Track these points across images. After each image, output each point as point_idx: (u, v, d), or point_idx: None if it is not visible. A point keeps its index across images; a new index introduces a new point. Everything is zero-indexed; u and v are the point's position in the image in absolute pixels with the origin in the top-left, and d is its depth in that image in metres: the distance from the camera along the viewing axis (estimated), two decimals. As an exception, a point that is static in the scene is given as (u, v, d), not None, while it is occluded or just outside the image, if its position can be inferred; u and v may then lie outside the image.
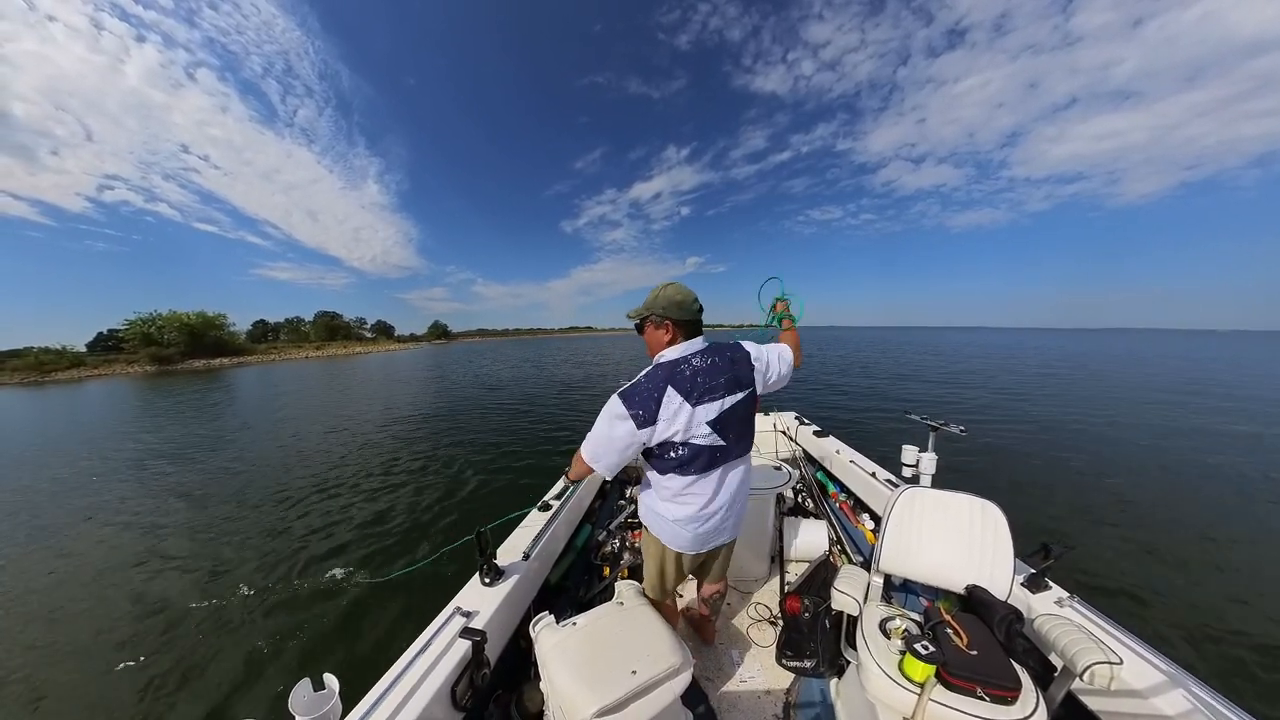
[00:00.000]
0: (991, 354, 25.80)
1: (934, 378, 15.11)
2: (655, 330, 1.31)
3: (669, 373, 1.21)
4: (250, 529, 4.44)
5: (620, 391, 1.23)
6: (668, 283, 1.31)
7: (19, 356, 38.01)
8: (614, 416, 1.19)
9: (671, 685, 1.01)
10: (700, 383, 1.21)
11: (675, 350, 1.27)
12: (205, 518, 4.81)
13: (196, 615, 3.06)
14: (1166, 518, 4.22)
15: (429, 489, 5.35)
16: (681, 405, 1.18)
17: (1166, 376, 15.61)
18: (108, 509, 5.23)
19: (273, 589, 3.33)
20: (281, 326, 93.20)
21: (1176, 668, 1.15)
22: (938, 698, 1.05)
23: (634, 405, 1.18)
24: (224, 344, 54.37)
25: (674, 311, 1.26)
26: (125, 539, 4.37)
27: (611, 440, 1.21)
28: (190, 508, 5.14)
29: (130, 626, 2.99)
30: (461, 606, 1.41)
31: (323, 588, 3.32)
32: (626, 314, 1.42)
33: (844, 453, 2.93)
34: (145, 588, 3.46)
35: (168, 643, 2.81)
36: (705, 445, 1.21)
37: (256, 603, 3.17)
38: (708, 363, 1.25)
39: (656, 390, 1.19)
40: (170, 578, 3.58)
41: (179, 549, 4.08)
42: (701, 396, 1.20)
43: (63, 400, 18.85)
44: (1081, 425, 7.98)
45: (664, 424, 1.17)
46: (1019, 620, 1.20)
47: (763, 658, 1.79)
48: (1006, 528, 1.41)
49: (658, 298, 1.29)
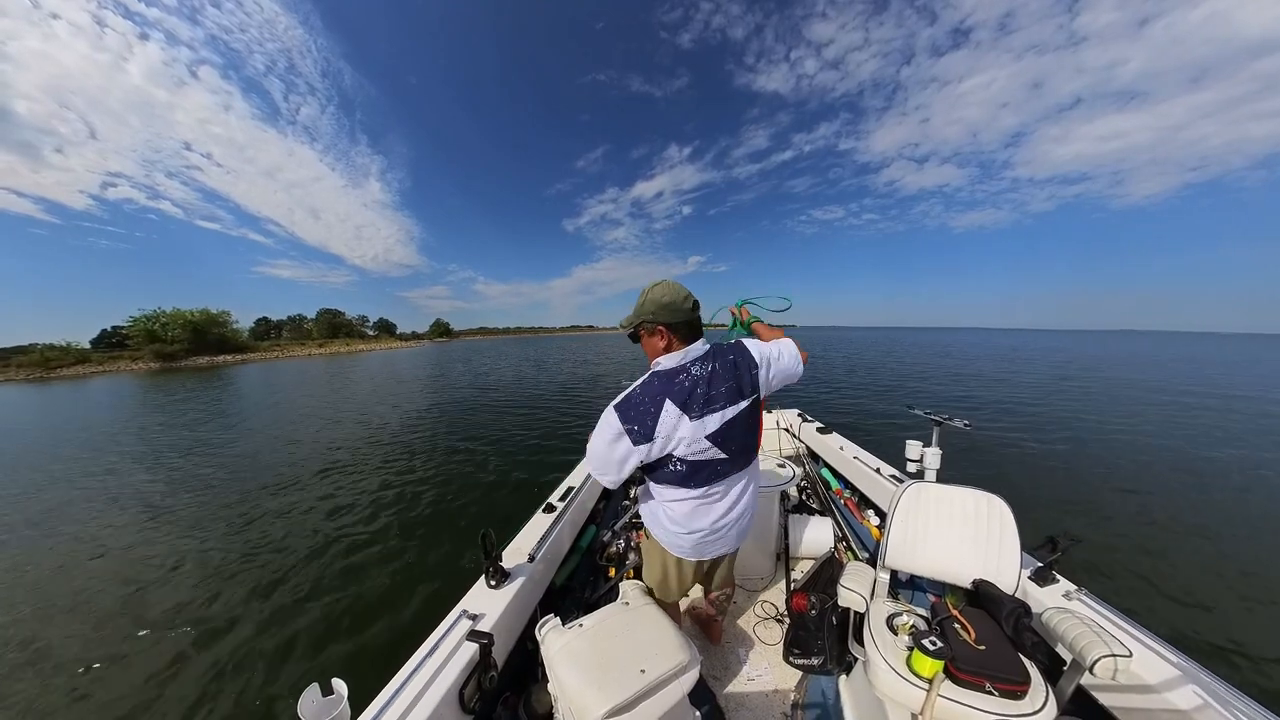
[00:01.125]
0: (994, 354, 25.71)
1: (937, 376, 15.09)
2: (650, 338, 1.22)
3: (666, 383, 1.14)
4: (254, 529, 4.45)
5: (615, 404, 1.16)
6: (656, 282, 1.21)
7: (24, 353, 38.27)
8: (610, 433, 1.14)
9: (680, 683, 1.01)
10: (700, 394, 1.13)
11: (673, 358, 1.18)
12: (208, 515, 4.84)
13: (199, 617, 3.07)
14: (1175, 511, 4.22)
15: (433, 490, 5.36)
16: (680, 419, 1.11)
17: (1172, 377, 15.53)
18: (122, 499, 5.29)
19: (278, 592, 3.33)
20: (284, 324, 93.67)
21: (1187, 660, 1.14)
22: (946, 693, 1.05)
23: (629, 420, 1.12)
24: (227, 341, 54.62)
25: (664, 315, 1.16)
26: (128, 532, 4.41)
27: (609, 459, 1.16)
28: (193, 504, 5.17)
29: (128, 628, 2.99)
30: (468, 609, 1.40)
31: (329, 591, 3.30)
32: (618, 324, 1.32)
33: (848, 449, 2.92)
34: (149, 587, 3.48)
35: (166, 645, 2.81)
36: (706, 460, 1.15)
37: (262, 606, 3.17)
38: (708, 370, 1.16)
39: (653, 404, 1.12)
40: (172, 580, 3.59)
41: (181, 547, 4.11)
42: (702, 409, 1.12)
43: (80, 395, 18.86)
44: (1087, 422, 7.98)
45: (661, 440, 1.11)
46: (1027, 614, 1.20)
47: (769, 656, 1.79)
48: (1013, 521, 1.41)
49: (645, 301, 1.19)
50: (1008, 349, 31.51)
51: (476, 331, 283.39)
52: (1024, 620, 1.18)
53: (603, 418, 1.16)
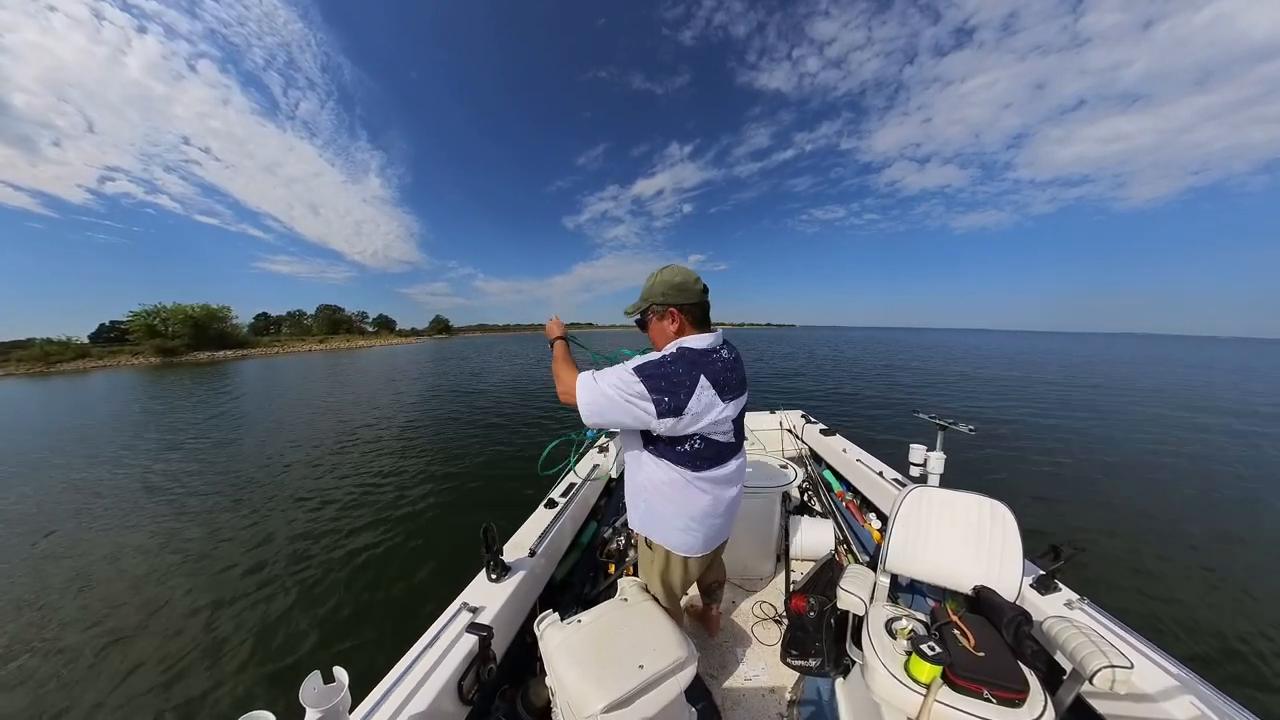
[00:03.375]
0: (997, 356, 25.61)
1: (941, 377, 15.04)
2: (660, 322, 1.17)
3: (702, 361, 1.09)
4: (260, 520, 4.48)
5: (637, 367, 1.06)
6: (664, 265, 1.18)
7: (23, 347, 38.21)
8: (630, 392, 1.03)
9: (678, 679, 1.02)
10: (728, 378, 1.12)
11: (701, 339, 1.13)
12: (214, 508, 4.85)
13: (204, 606, 3.10)
14: (1180, 521, 4.18)
15: (435, 484, 5.38)
16: (714, 400, 1.07)
17: (1178, 382, 15.38)
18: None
19: (282, 580, 3.37)
20: (283, 320, 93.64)
21: (1189, 672, 1.13)
22: (943, 699, 1.05)
23: (659, 390, 1.03)
24: (227, 336, 54.59)
25: (675, 296, 1.13)
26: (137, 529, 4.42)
27: (613, 410, 1.06)
28: (202, 499, 5.17)
29: (135, 615, 3.03)
30: (468, 602, 1.41)
31: (332, 580, 3.35)
32: (624, 310, 1.28)
33: (850, 451, 2.91)
34: (161, 573, 3.51)
35: (174, 635, 2.84)
36: (723, 442, 1.15)
37: (264, 596, 3.20)
38: (731, 357, 1.18)
39: (688, 379, 1.05)
40: (180, 568, 3.62)
41: (185, 541, 4.12)
42: (730, 392, 1.12)
43: (86, 390, 18.72)
44: (1093, 429, 7.91)
45: (690, 417, 1.05)
46: (1027, 622, 1.19)
47: (767, 656, 1.80)
48: (1016, 528, 1.40)
49: (655, 283, 1.15)
50: (1014, 352, 31.13)
51: (476, 328, 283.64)
52: (1024, 628, 1.18)
53: (619, 375, 1.06)
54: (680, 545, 1.25)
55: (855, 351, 28.37)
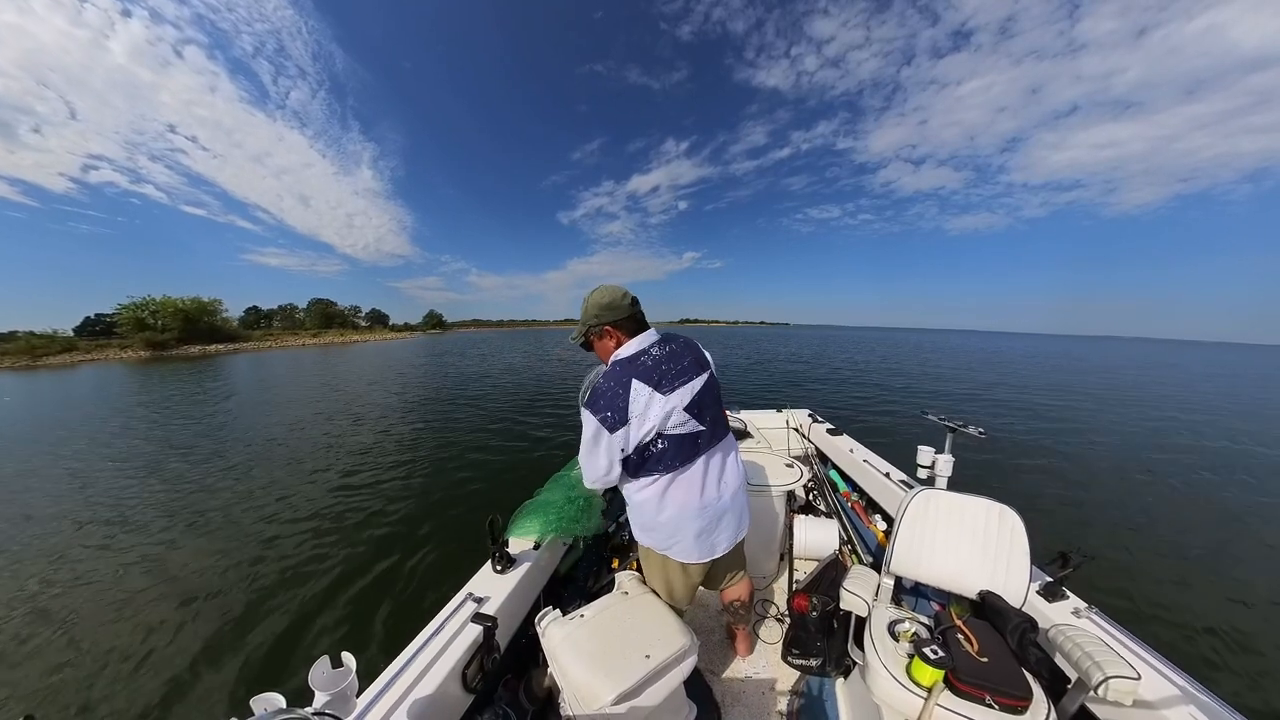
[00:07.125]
0: (1001, 358, 25.28)
1: (947, 379, 14.87)
2: (601, 341, 1.26)
3: (628, 367, 1.16)
4: (267, 511, 4.48)
5: (585, 402, 1.17)
6: (593, 289, 1.26)
7: (8, 341, 37.51)
8: (590, 429, 1.14)
9: (682, 667, 1.04)
10: (665, 369, 1.16)
11: (629, 346, 1.21)
12: (221, 501, 4.81)
13: (213, 594, 3.13)
14: (1191, 531, 4.07)
15: (441, 477, 5.39)
16: (651, 396, 1.12)
17: (1183, 387, 15.13)
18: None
19: (292, 569, 3.40)
20: (275, 313, 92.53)
21: (1196, 684, 1.11)
22: (945, 703, 1.05)
23: (600, 410, 1.11)
24: (218, 330, 53.96)
25: (607, 315, 1.21)
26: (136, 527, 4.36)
27: (597, 459, 1.17)
28: (204, 489, 5.12)
29: (146, 607, 3.03)
30: (474, 592, 1.42)
31: (341, 570, 3.38)
32: (569, 339, 1.37)
33: (857, 452, 2.87)
34: (167, 568, 3.50)
35: (184, 624, 2.86)
36: (686, 434, 1.16)
37: (275, 581, 3.23)
38: (666, 350, 1.21)
39: (620, 387, 1.12)
40: (190, 562, 3.61)
41: (190, 534, 4.08)
42: (672, 383, 1.15)
43: (76, 383, 18.38)
44: (1104, 436, 7.68)
45: (637, 420, 1.11)
46: (1033, 629, 1.19)
47: (768, 654, 1.80)
48: (1024, 534, 1.38)
49: (588, 307, 1.24)
50: (1018, 354, 30.64)
51: (470, 323, 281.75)
52: (1029, 635, 1.17)
53: (583, 422, 1.17)
54: (676, 551, 1.27)
55: (855, 351, 28.30)
